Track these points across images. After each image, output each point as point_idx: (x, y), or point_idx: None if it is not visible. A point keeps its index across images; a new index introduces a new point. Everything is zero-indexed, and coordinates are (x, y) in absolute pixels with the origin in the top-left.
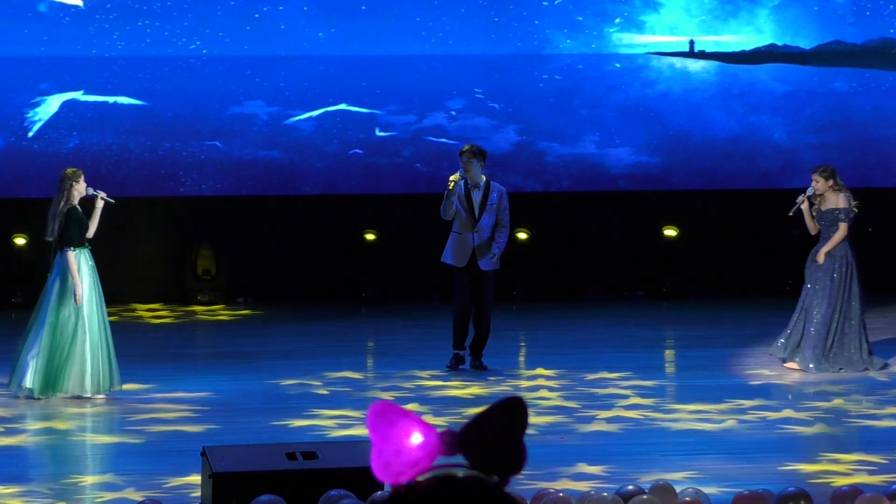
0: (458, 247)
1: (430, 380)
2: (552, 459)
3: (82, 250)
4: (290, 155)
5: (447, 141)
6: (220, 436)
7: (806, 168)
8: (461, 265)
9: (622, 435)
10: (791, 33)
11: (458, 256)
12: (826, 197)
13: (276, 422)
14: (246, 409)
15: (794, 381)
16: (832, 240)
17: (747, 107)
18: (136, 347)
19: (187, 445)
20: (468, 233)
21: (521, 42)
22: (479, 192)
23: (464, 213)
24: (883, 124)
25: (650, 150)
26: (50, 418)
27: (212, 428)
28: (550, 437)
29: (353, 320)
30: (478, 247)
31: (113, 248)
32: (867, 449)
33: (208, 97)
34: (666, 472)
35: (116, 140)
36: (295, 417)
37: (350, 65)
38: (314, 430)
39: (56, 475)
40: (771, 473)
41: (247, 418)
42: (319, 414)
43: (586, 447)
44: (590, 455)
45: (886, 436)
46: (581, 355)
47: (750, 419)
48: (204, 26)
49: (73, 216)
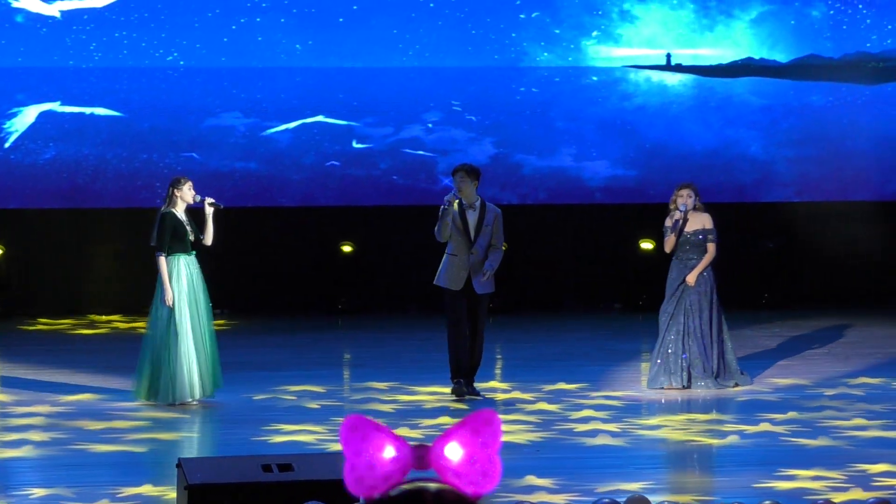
0: (452, 269)
1: (407, 392)
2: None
3: (177, 257)
4: (267, 166)
5: (424, 153)
6: (195, 447)
7: (782, 182)
8: (456, 288)
9: (600, 448)
10: (768, 47)
11: (452, 279)
12: (692, 217)
13: (252, 433)
14: (222, 420)
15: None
16: (704, 261)
17: (724, 120)
18: (113, 359)
19: (163, 457)
20: (463, 255)
21: (498, 55)
22: (475, 213)
23: (459, 235)
24: (859, 138)
25: (627, 163)
26: (26, 429)
27: (188, 438)
28: (526, 450)
29: (329, 332)
30: (473, 269)
31: (89, 260)
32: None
33: (185, 108)
34: (626, 482)
35: (93, 151)
36: (271, 429)
37: (327, 77)
38: (290, 441)
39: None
40: (741, 487)
41: (223, 430)
42: (295, 426)
43: (552, 460)
44: (562, 468)
45: None
46: (557, 368)
47: (723, 431)
48: (181, 38)
49: (165, 222)
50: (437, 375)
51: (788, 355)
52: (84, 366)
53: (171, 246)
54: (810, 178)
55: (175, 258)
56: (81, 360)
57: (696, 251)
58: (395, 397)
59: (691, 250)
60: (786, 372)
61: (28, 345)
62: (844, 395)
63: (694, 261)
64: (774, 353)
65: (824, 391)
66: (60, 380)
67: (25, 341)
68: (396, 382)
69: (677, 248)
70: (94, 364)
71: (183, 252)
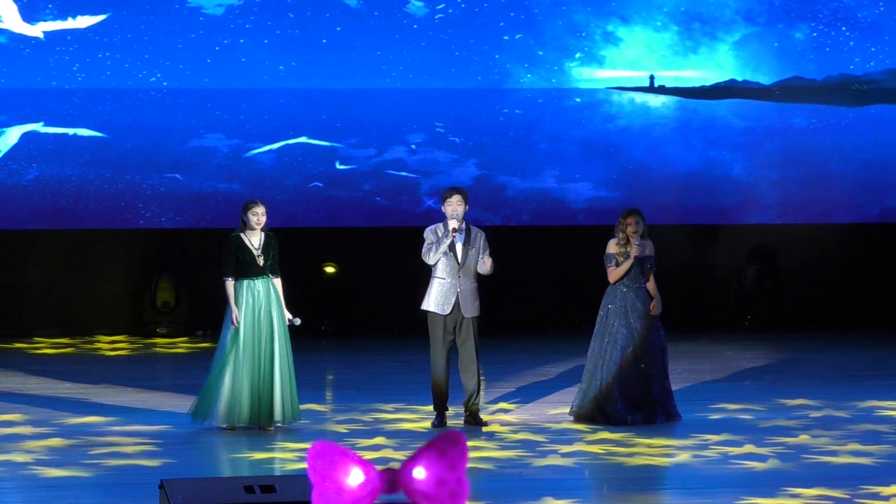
0: (441, 293)
1: (391, 413)
2: (510, 494)
3: (243, 281)
4: (250, 187)
5: (407, 174)
6: (178, 469)
7: (765, 204)
8: (445, 313)
9: (576, 469)
10: (751, 69)
11: (441, 303)
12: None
13: (235, 455)
14: (204, 442)
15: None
16: (653, 288)
17: (707, 142)
18: (94, 379)
19: (145, 478)
20: (453, 279)
21: (481, 76)
22: (462, 236)
23: (446, 258)
24: (842, 160)
25: (610, 185)
26: (8, 451)
27: (170, 461)
28: (509, 470)
29: (312, 353)
30: (462, 293)
31: (72, 281)
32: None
33: (168, 130)
34: None
35: (76, 172)
36: (254, 450)
37: (310, 98)
38: (273, 463)
39: None
40: None
41: (205, 451)
42: (278, 447)
43: (550, 481)
44: (555, 489)
45: (846, 471)
46: (540, 391)
47: (710, 454)
48: (164, 59)
49: (228, 245)
50: (421, 397)
51: (769, 376)
52: (85, 385)
53: (236, 270)
54: (793, 200)
55: (240, 283)
56: (72, 379)
57: (638, 279)
58: (378, 416)
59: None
60: (767, 395)
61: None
62: (827, 417)
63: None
64: (756, 375)
65: (809, 413)
66: (68, 399)
67: (26, 362)
68: (379, 404)
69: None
70: (94, 381)
71: (244, 277)
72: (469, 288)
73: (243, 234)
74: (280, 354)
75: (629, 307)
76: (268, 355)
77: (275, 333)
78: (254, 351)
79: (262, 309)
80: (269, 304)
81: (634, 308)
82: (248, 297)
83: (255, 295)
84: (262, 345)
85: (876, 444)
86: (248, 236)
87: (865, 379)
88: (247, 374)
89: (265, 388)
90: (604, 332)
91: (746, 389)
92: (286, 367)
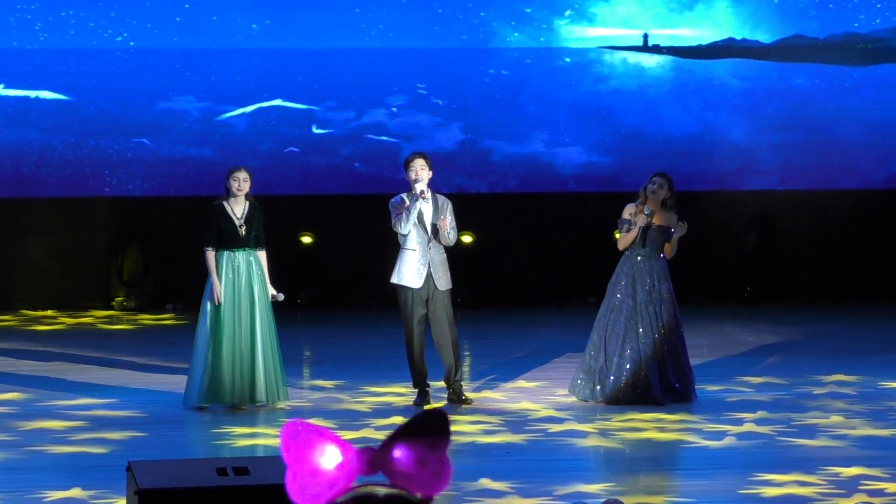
0: (412, 265)
1: (370, 392)
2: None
3: (223, 252)
4: (222, 153)
5: (388, 139)
6: (146, 450)
7: (765, 170)
8: (416, 286)
9: (576, 450)
10: (750, 27)
11: (412, 276)
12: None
13: (207, 435)
14: (174, 421)
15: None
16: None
17: (704, 104)
18: (57, 356)
19: (112, 460)
20: (423, 248)
21: (465, 35)
22: (429, 204)
23: (415, 228)
24: (846, 123)
25: (602, 150)
26: None
27: (138, 438)
28: (495, 452)
29: (288, 328)
30: (433, 264)
31: (34, 252)
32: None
33: (136, 92)
34: (586, 484)
35: (38, 137)
36: (225, 431)
37: (285, 58)
38: (246, 444)
39: None
40: (719, 491)
41: (175, 431)
42: (251, 427)
43: (541, 462)
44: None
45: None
46: (528, 364)
47: (708, 431)
48: (131, 17)
49: (209, 213)
50: (402, 374)
51: (771, 353)
52: (47, 363)
53: (217, 240)
54: (795, 166)
55: (220, 254)
56: (23, 357)
57: (655, 248)
58: (357, 395)
59: (654, 246)
60: (768, 370)
61: None
62: (832, 393)
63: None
64: (756, 351)
65: (812, 389)
66: (30, 377)
67: None
68: (359, 381)
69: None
70: (41, 358)
71: (224, 248)
72: (440, 259)
73: (226, 202)
74: (263, 331)
75: (637, 277)
76: (248, 332)
77: (256, 309)
78: (233, 327)
79: (244, 283)
80: (250, 278)
81: (641, 279)
82: (227, 269)
83: (236, 267)
84: (242, 321)
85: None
86: (230, 205)
87: (871, 354)
88: (226, 351)
89: (246, 366)
90: (609, 302)
91: (759, 366)
92: (269, 345)
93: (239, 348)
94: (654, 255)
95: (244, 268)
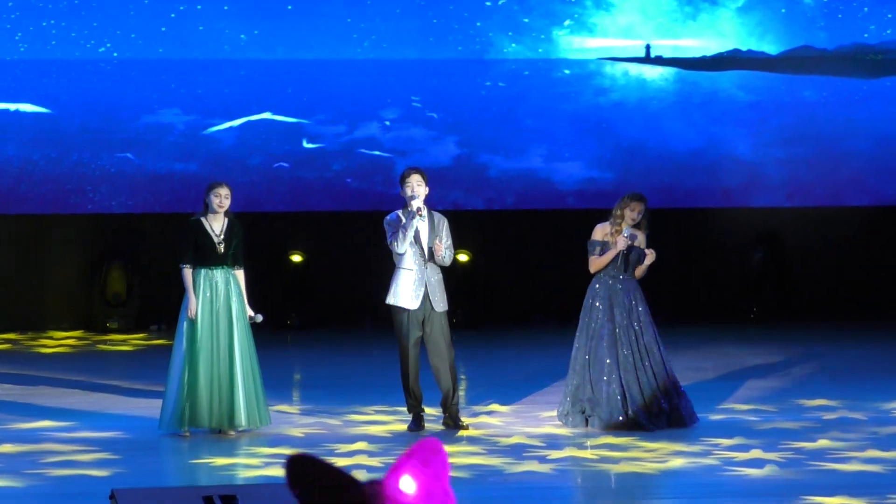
0: (408, 285)
1: (361, 415)
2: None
3: (201, 270)
4: (209, 168)
5: (381, 153)
6: (130, 478)
7: (772, 185)
8: (412, 307)
9: (564, 477)
10: (756, 37)
11: (408, 297)
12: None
13: (193, 461)
14: (160, 447)
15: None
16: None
17: (708, 117)
18: (39, 380)
19: (95, 488)
20: (419, 268)
21: (461, 46)
22: (425, 222)
23: (412, 247)
24: (855, 137)
25: (602, 165)
26: None
27: (122, 470)
28: (492, 478)
29: (277, 350)
30: (430, 285)
31: (13, 271)
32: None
33: (119, 105)
34: None
35: (18, 152)
36: (213, 456)
37: (275, 70)
38: (234, 470)
39: None
40: None
41: (160, 457)
42: (239, 453)
43: (537, 489)
44: (541, 498)
45: (864, 479)
46: (526, 388)
47: (719, 458)
48: (115, 27)
49: (186, 229)
50: (396, 398)
51: (775, 375)
52: (28, 387)
53: (194, 257)
54: (802, 181)
55: (198, 271)
56: (14, 380)
57: (630, 270)
58: (348, 419)
59: (631, 267)
60: (772, 395)
61: None
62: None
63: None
64: (763, 372)
65: (822, 415)
66: (11, 403)
67: None
68: (351, 405)
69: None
70: (39, 382)
71: (202, 265)
72: (437, 279)
73: (204, 219)
74: (241, 352)
75: (614, 300)
76: (226, 353)
77: (234, 329)
78: (211, 348)
79: (222, 302)
80: (228, 297)
81: (619, 302)
82: (204, 288)
83: (213, 286)
84: (219, 341)
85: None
86: (209, 221)
87: (881, 375)
88: (203, 372)
89: (224, 388)
90: (588, 328)
91: (754, 390)
92: (248, 367)
93: (217, 370)
94: (630, 277)
95: (222, 286)
